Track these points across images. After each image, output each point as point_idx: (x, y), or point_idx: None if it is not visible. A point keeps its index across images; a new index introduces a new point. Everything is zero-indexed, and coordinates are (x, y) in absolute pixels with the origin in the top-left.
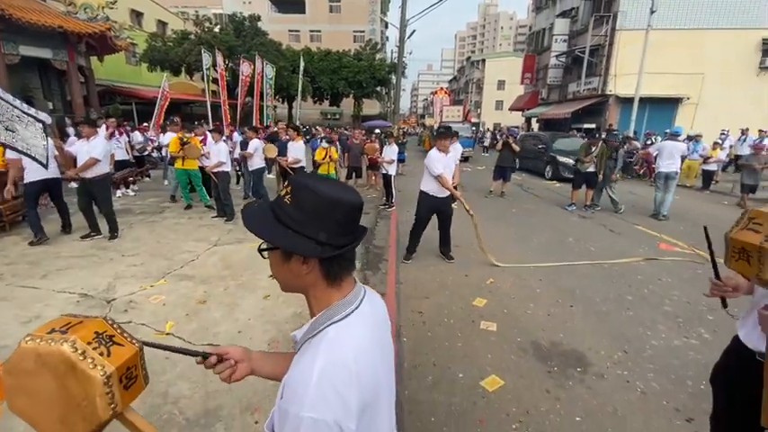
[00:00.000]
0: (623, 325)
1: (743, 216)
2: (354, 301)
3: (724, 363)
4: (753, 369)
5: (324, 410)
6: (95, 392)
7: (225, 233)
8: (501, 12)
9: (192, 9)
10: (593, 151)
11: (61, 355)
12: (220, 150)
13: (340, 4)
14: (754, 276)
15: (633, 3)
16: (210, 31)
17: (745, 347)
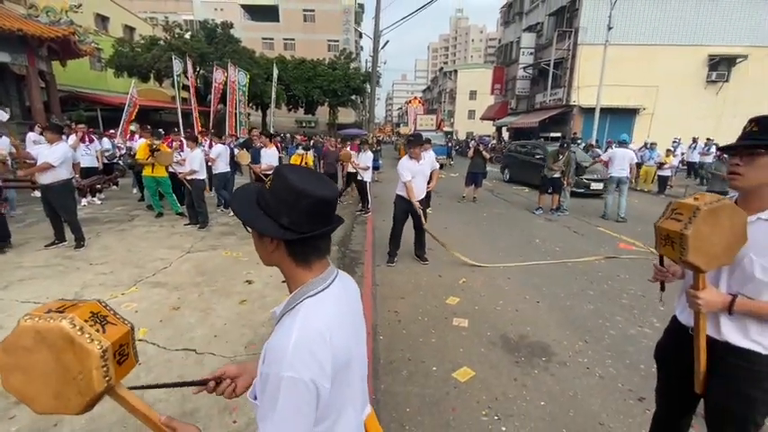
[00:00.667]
0: (585, 317)
1: (667, 208)
2: (327, 279)
3: (664, 340)
4: (687, 343)
5: (301, 370)
6: (92, 365)
7: (198, 240)
8: (471, 25)
9: (162, 15)
10: (561, 159)
11: (60, 331)
12: (195, 157)
13: (314, 14)
14: (678, 259)
15: (592, 19)
16: (181, 37)
17: (681, 324)
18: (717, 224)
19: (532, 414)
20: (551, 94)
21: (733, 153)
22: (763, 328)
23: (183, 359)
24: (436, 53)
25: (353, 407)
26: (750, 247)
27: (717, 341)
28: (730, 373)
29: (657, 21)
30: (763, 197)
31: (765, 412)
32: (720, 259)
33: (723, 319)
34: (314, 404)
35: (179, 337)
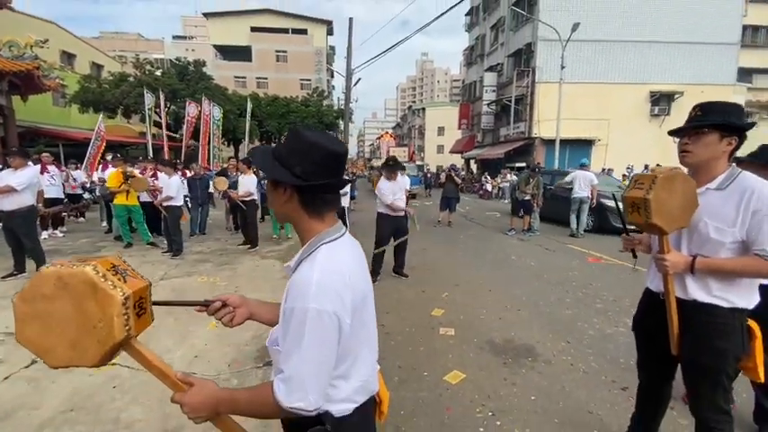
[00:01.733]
0: (565, 321)
1: (631, 181)
2: (339, 230)
3: (639, 312)
4: (659, 309)
5: (325, 302)
6: (114, 312)
7: (172, 268)
8: (437, 67)
9: (132, 53)
10: (531, 183)
11: (84, 275)
12: (172, 184)
13: (287, 55)
14: (644, 223)
15: (547, 60)
16: (152, 73)
17: (652, 292)
18: (672, 190)
19: (525, 408)
20: (514, 127)
21: (683, 135)
22: (723, 284)
23: None
24: (405, 93)
25: (369, 349)
26: (703, 212)
27: (685, 301)
28: (699, 329)
29: (605, 61)
30: (709, 171)
31: (735, 364)
32: (679, 221)
33: (688, 279)
34: (336, 338)
35: None
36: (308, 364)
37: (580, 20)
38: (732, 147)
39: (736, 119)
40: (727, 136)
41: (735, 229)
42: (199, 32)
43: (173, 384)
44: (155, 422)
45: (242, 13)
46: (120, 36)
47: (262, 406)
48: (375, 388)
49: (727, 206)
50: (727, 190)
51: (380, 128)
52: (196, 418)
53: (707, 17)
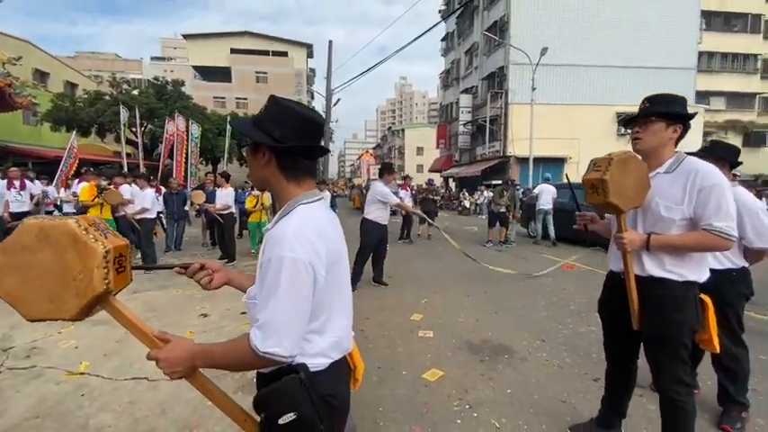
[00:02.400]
0: (539, 322)
1: (589, 165)
2: (316, 195)
3: (603, 294)
4: (621, 289)
5: (301, 252)
6: (94, 264)
7: (145, 281)
8: (415, 90)
9: (108, 73)
10: (506, 195)
11: (66, 227)
12: (146, 197)
13: (267, 76)
14: (603, 202)
15: (519, 82)
16: (128, 92)
17: (614, 273)
18: (627, 171)
19: (501, 400)
20: (490, 146)
21: (634, 124)
22: (676, 259)
23: (132, 387)
24: (384, 114)
25: (343, 308)
26: (655, 193)
27: (643, 277)
28: (656, 302)
29: (573, 84)
30: (658, 156)
31: (691, 334)
32: (634, 201)
33: (644, 256)
34: (311, 288)
35: (127, 367)
36: (283, 310)
37: (549, 45)
38: (677, 134)
39: (680, 108)
40: (672, 124)
41: (683, 207)
42: (178, 54)
43: (150, 342)
44: (125, 427)
45: (222, 35)
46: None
47: (238, 356)
48: (348, 346)
49: (675, 187)
50: (675, 172)
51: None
52: (172, 373)
53: (666, 44)
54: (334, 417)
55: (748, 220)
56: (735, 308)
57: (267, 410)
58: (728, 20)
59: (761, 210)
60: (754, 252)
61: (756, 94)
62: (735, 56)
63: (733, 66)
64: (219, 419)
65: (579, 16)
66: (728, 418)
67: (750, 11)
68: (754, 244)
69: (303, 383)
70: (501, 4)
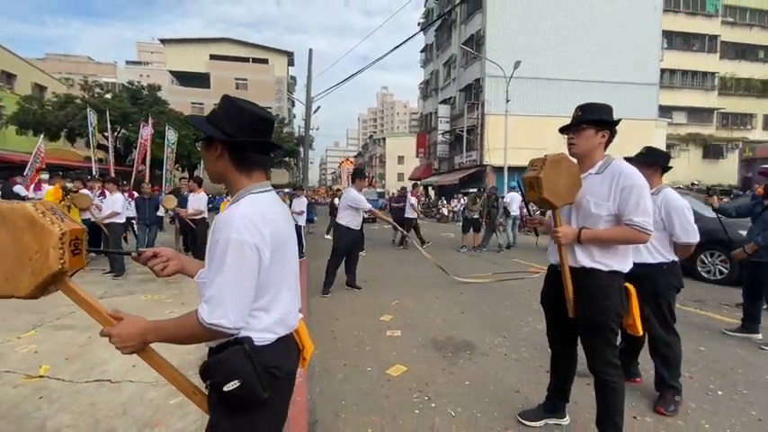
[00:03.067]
0: (502, 320)
1: (528, 165)
2: (266, 187)
3: (544, 285)
4: (559, 279)
5: (246, 234)
6: (50, 244)
7: (113, 287)
8: (396, 100)
9: (80, 76)
10: (479, 202)
11: (23, 210)
12: (115, 201)
13: (246, 83)
14: (539, 198)
15: (494, 94)
16: (101, 96)
17: (553, 265)
18: (560, 170)
19: (458, 392)
20: (467, 155)
21: (569, 131)
22: (603, 251)
23: (95, 389)
24: (366, 123)
25: (289, 289)
26: (586, 192)
27: (576, 268)
28: (587, 290)
29: (546, 96)
30: (590, 159)
31: (617, 319)
32: (566, 198)
33: (577, 249)
34: (256, 267)
35: (89, 370)
36: (228, 285)
37: (523, 59)
38: (605, 139)
39: (606, 116)
40: (600, 130)
41: (609, 204)
42: (155, 59)
43: (103, 320)
44: (84, 427)
45: (201, 41)
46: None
47: (188, 329)
48: (294, 324)
49: (603, 186)
50: (604, 173)
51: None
52: (124, 347)
53: (631, 60)
54: (279, 387)
55: (676, 218)
56: (666, 298)
57: (212, 378)
58: (688, 40)
59: (687, 209)
60: (681, 247)
61: (714, 110)
62: (694, 73)
63: (693, 82)
64: (181, 417)
65: (552, 33)
66: (663, 401)
67: (707, 32)
68: (681, 239)
69: (247, 354)
70: (477, 19)
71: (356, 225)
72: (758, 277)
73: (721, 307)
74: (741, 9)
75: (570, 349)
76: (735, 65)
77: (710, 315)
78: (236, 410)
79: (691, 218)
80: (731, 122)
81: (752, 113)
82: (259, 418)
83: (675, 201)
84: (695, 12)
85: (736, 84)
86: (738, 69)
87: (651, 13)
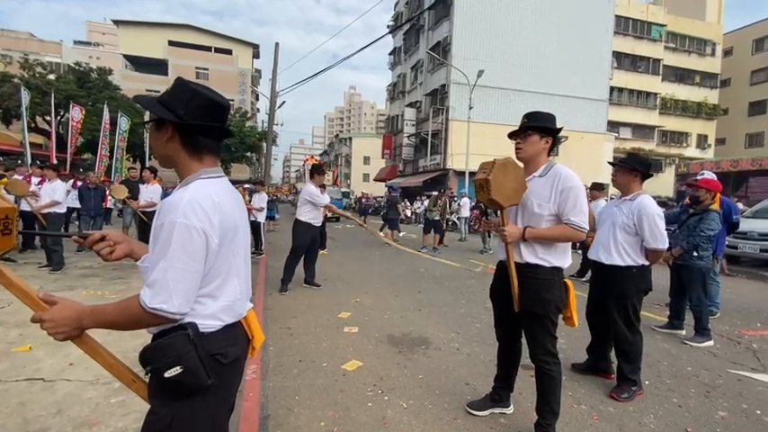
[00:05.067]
0: (457, 317)
1: (479, 168)
2: (217, 172)
3: (493, 280)
4: (506, 274)
5: (193, 219)
6: None
7: (50, 282)
8: (364, 101)
9: (20, 53)
10: (439, 203)
11: None
12: (55, 189)
13: (208, 72)
14: (487, 199)
15: (458, 100)
16: (43, 76)
17: (501, 262)
18: (507, 173)
19: (411, 384)
20: (431, 159)
21: (516, 137)
22: (545, 248)
23: (25, 387)
24: (332, 122)
25: (239, 278)
26: (530, 193)
27: (521, 264)
28: (530, 284)
29: (505, 106)
30: (535, 163)
31: (556, 311)
32: (513, 199)
33: (522, 246)
34: (203, 252)
35: (20, 368)
36: (173, 269)
37: (487, 69)
38: (549, 144)
39: (550, 124)
40: (544, 136)
41: (550, 204)
42: (107, 40)
43: (34, 304)
44: (13, 427)
45: (159, 26)
46: (6, 34)
47: (129, 313)
48: (242, 312)
49: (545, 188)
50: (546, 176)
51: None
52: (57, 333)
53: (584, 77)
54: (224, 374)
55: (647, 224)
56: (632, 299)
57: (152, 363)
58: (635, 62)
59: (658, 216)
60: (651, 252)
61: (655, 127)
62: (639, 93)
63: (638, 101)
64: (123, 416)
65: (514, 45)
66: (619, 389)
67: (652, 55)
68: (650, 245)
69: (191, 340)
70: (445, 26)
71: (317, 221)
72: (683, 278)
73: (653, 306)
74: (681, 36)
75: (514, 341)
76: (674, 87)
77: (644, 314)
78: (178, 397)
79: (661, 225)
80: (669, 140)
81: (687, 132)
82: (202, 405)
83: (648, 207)
84: (642, 36)
85: (675, 104)
86: (677, 91)
87: (603, 35)
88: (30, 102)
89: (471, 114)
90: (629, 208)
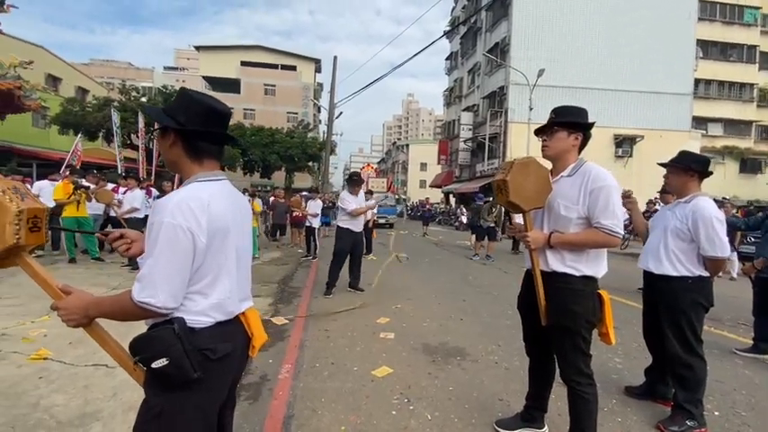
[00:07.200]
0: (501, 329)
1: (498, 168)
2: (217, 176)
3: (521, 291)
4: (532, 283)
5: (180, 218)
6: (6, 220)
7: (129, 280)
8: (422, 108)
9: (119, 80)
10: (494, 211)
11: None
12: (135, 197)
13: (275, 89)
14: (506, 202)
15: (518, 102)
16: (136, 99)
17: (528, 271)
18: (527, 174)
19: (440, 396)
20: (489, 163)
21: (543, 134)
22: (574, 255)
23: (91, 373)
24: (390, 130)
25: (230, 278)
26: (557, 195)
27: (547, 273)
28: (558, 295)
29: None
30: (564, 161)
31: (588, 326)
32: (535, 202)
33: (548, 253)
34: (190, 251)
35: (90, 355)
36: (159, 266)
37: (549, 67)
38: (578, 141)
39: (579, 119)
40: (573, 132)
41: (579, 206)
42: (191, 65)
43: (54, 293)
44: (75, 407)
45: (233, 48)
46: (110, 63)
47: (122, 305)
48: (233, 310)
49: (574, 188)
50: (575, 176)
51: (366, 162)
52: (68, 321)
53: (663, 70)
54: (213, 369)
55: (702, 228)
56: (688, 315)
57: (139, 354)
58: (725, 50)
59: (717, 219)
60: (710, 261)
61: (753, 122)
62: (731, 84)
63: (730, 93)
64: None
65: (579, 40)
66: (670, 420)
67: (745, 42)
68: (707, 252)
69: (176, 334)
70: (503, 27)
71: (355, 227)
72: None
73: (738, 326)
74: None
75: (546, 357)
76: None
77: (724, 334)
78: (167, 388)
79: (720, 230)
80: None
81: None
82: (191, 398)
83: (704, 210)
84: (732, 20)
85: None
86: None
87: (685, 22)
88: (124, 121)
89: (532, 116)
90: (683, 211)
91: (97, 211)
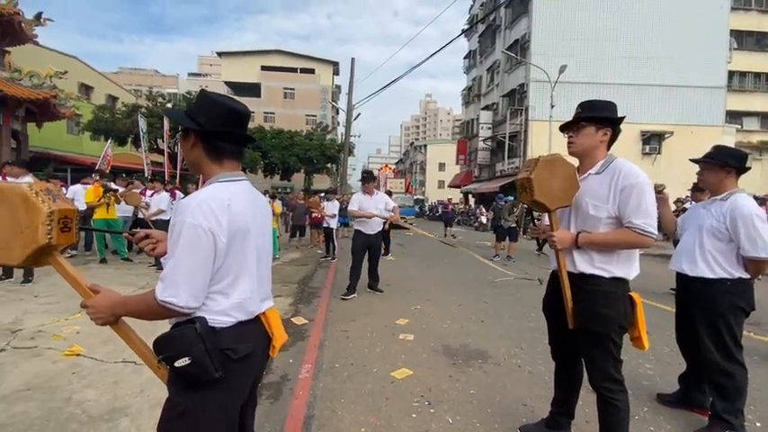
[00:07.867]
0: (524, 331)
1: (522, 167)
2: (237, 176)
3: (546, 292)
4: (558, 285)
5: (201, 219)
6: (39, 221)
7: (155, 279)
8: (440, 107)
9: (146, 87)
10: (515, 211)
11: (19, 189)
12: (161, 200)
13: (294, 92)
14: (531, 201)
15: (539, 99)
16: (163, 105)
17: (554, 272)
18: (553, 171)
19: (461, 400)
20: (509, 162)
21: (569, 129)
22: (603, 256)
23: (120, 369)
24: (408, 130)
25: (250, 278)
26: (585, 193)
27: (575, 274)
28: (586, 298)
29: None
30: (591, 158)
31: (619, 330)
32: (561, 200)
33: (575, 253)
34: (211, 251)
35: (120, 352)
36: (181, 266)
37: (571, 63)
38: (607, 137)
39: (607, 113)
40: (601, 128)
41: (608, 206)
42: (213, 71)
43: (84, 292)
44: (105, 402)
45: (254, 53)
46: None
47: (146, 305)
48: (254, 310)
49: (603, 186)
50: (604, 173)
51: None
52: (96, 319)
53: (693, 62)
54: (234, 369)
55: (742, 227)
56: (727, 319)
57: (162, 352)
58: (761, 40)
59: (758, 217)
60: (751, 262)
61: None
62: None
63: (767, 86)
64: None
65: (602, 34)
66: (708, 431)
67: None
68: (748, 253)
69: (198, 333)
70: (523, 23)
71: (366, 229)
72: None
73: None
74: None
75: (573, 362)
76: None
77: (766, 340)
78: (189, 387)
79: (762, 228)
80: None
81: None
82: (211, 397)
83: (744, 207)
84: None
85: None
86: None
87: (717, 12)
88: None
89: (553, 113)
90: (719, 209)
91: (126, 213)
